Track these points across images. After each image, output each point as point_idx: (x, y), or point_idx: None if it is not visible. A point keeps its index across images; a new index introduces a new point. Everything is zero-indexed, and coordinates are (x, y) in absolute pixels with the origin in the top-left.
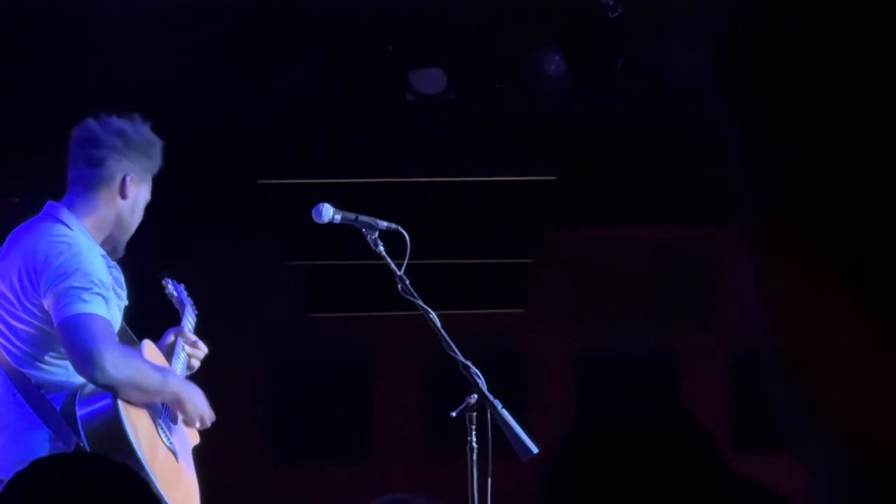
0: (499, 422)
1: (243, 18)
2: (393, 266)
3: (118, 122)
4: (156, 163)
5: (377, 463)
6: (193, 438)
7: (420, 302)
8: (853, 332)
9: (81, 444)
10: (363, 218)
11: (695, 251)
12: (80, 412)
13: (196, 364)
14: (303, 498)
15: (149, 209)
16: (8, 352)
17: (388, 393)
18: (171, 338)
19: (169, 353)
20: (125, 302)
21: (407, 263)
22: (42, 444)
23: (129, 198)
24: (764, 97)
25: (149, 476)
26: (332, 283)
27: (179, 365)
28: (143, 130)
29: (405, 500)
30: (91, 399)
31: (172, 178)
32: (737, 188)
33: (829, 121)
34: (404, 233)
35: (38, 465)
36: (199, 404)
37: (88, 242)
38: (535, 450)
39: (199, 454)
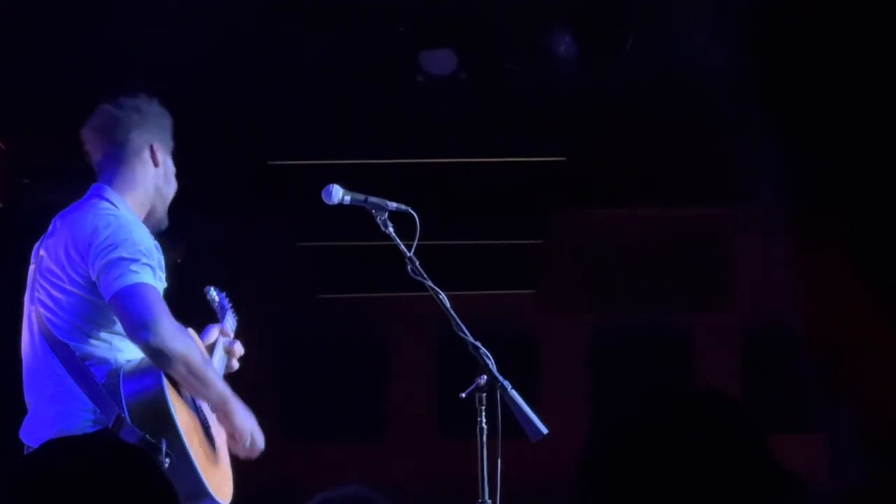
0: (508, 403)
1: (254, 1)
2: (402, 247)
3: (130, 100)
4: (170, 136)
5: (390, 441)
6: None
7: (430, 283)
8: (875, 321)
9: (123, 417)
10: (373, 199)
11: (706, 230)
12: (124, 388)
13: (235, 365)
14: (316, 476)
15: None
16: (52, 324)
17: (401, 372)
18: (212, 335)
19: (209, 351)
20: (165, 284)
21: (417, 244)
22: (85, 416)
23: (161, 165)
24: (788, 81)
25: (188, 454)
26: (343, 264)
27: (219, 365)
28: (154, 104)
29: (368, 497)
30: (136, 375)
31: (184, 158)
32: (754, 170)
33: (854, 110)
34: (414, 214)
35: (48, 448)
36: (247, 421)
37: (134, 216)
38: (544, 431)
39: None
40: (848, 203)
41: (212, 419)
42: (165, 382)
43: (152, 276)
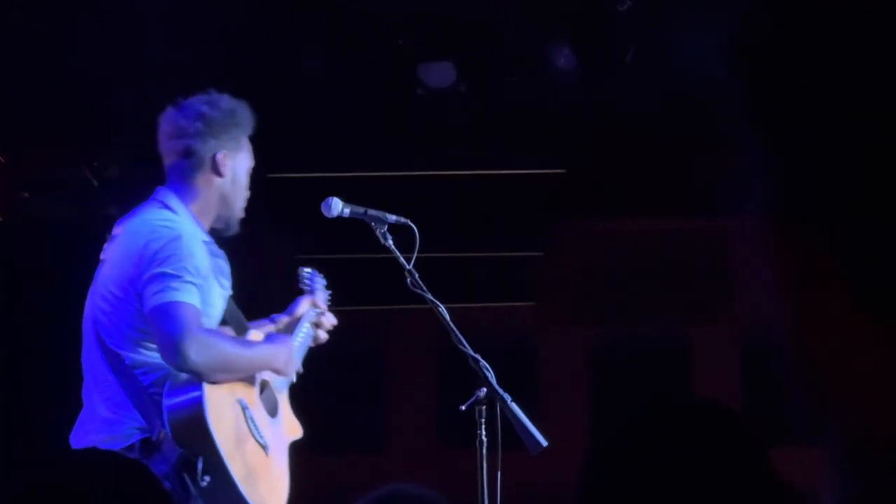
0: (508, 416)
1: (254, 13)
2: (402, 260)
3: (196, 105)
4: (244, 126)
5: (390, 454)
6: (293, 433)
7: (429, 296)
8: (859, 332)
9: (165, 433)
10: (372, 212)
11: (705, 243)
12: (166, 402)
13: (324, 336)
14: (316, 487)
15: None
16: (106, 332)
17: (401, 385)
18: (301, 307)
19: (295, 321)
20: (229, 291)
21: (416, 257)
22: (132, 424)
23: (227, 174)
24: (784, 94)
25: (227, 471)
26: (342, 277)
27: (303, 338)
28: (221, 104)
29: (403, 490)
30: (179, 390)
31: None
32: (753, 181)
33: (838, 123)
34: (413, 226)
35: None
36: (285, 363)
37: (192, 228)
38: (544, 443)
39: None
40: (847, 216)
41: (264, 420)
42: (206, 396)
43: (195, 294)
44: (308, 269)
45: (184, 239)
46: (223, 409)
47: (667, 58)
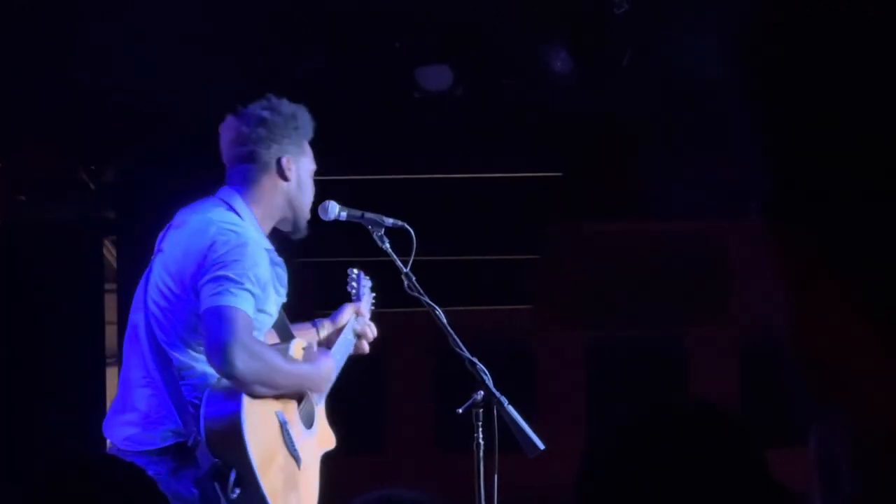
0: (505, 419)
1: (251, 15)
2: (399, 263)
3: (256, 111)
4: (304, 130)
5: (387, 456)
6: (327, 444)
7: (426, 299)
8: (859, 332)
9: (199, 440)
10: (369, 215)
11: (702, 244)
12: (204, 410)
13: (366, 348)
14: None
15: (157, 208)
16: (162, 328)
17: (399, 387)
18: (344, 315)
19: (337, 331)
20: (284, 298)
21: (413, 260)
22: (168, 425)
23: (292, 178)
24: (782, 96)
25: (259, 486)
26: (340, 280)
27: (343, 348)
28: (281, 109)
29: (395, 495)
30: (219, 399)
31: (178, 174)
32: (749, 183)
33: (837, 124)
34: (410, 230)
35: (57, 469)
36: (322, 384)
37: (257, 235)
38: (541, 446)
39: None
40: (847, 216)
41: (300, 432)
42: (245, 409)
43: (251, 302)
44: (355, 270)
45: (250, 247)
46: (260, 422)
47: (664, 60)
